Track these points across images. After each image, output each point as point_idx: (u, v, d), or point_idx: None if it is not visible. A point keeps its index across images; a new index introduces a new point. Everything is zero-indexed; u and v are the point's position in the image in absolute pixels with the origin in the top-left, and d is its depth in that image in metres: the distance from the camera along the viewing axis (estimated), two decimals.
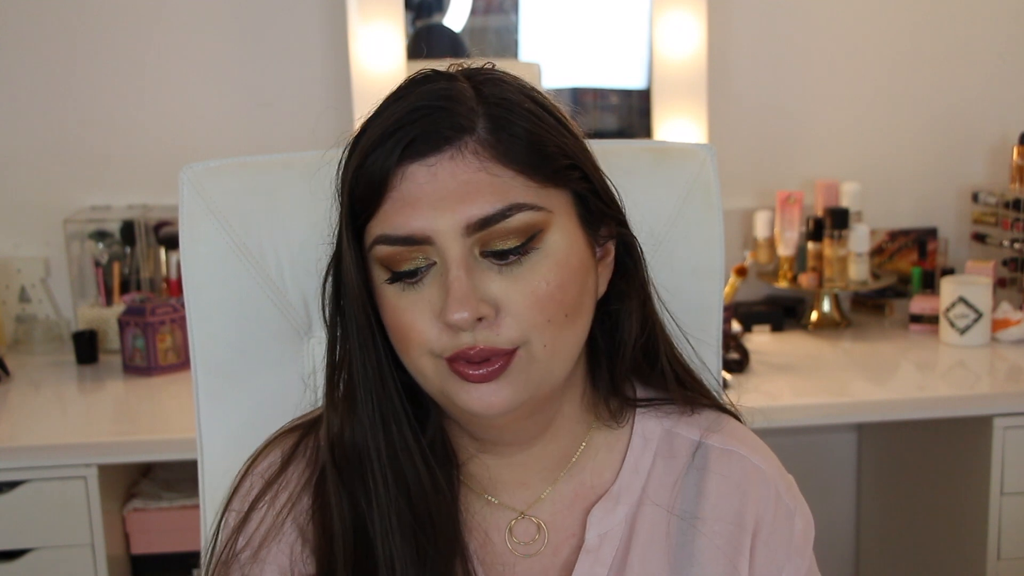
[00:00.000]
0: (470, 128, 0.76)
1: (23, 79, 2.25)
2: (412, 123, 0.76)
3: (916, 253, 2.39)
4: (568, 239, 0.79)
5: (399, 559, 0.80)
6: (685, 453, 0.88)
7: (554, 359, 0.78)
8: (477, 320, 0.75)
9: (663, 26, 2.28)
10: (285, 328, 1.02)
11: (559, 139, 0.79)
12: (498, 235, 0.75)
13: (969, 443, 1.91)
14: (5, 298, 2.25)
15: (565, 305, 0.77)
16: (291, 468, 0.87)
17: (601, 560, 0.84)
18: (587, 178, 0.81)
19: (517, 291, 0.76)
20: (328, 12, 2.27)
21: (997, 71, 2.44)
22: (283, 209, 1.02)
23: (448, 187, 0.75)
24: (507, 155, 0.76)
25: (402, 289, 0.77)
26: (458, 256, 0.75)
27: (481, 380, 0.76)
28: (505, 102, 0.78)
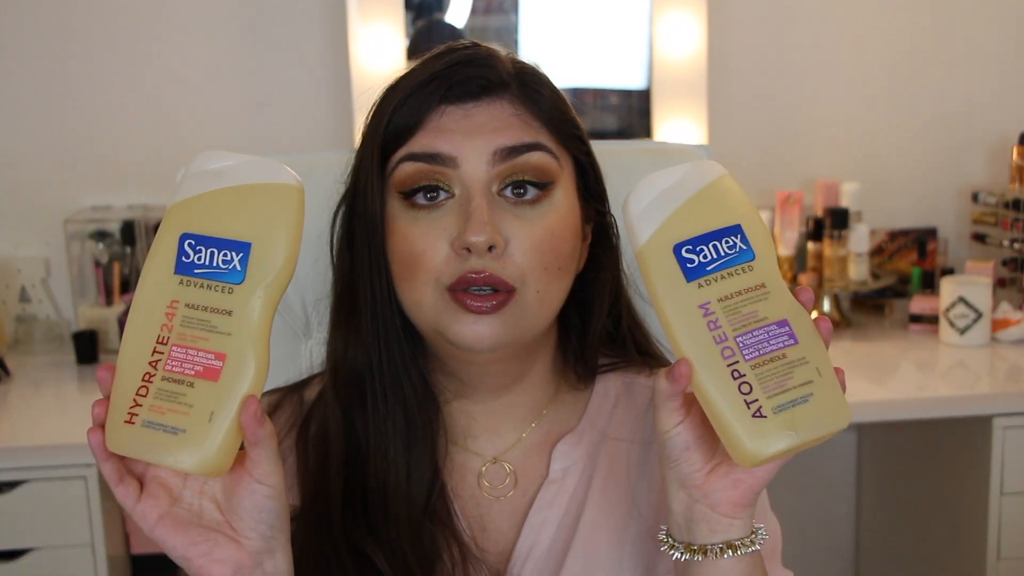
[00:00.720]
0: (507, 84, 0.84)
1: (23, 79, 2.25)
2: (455, 71, 0.83)
3: (916, 253, 2.39)
4: (569, 201, 0.85)
5: (392, 470, 0.85)
6: (644, 396, 0.94)
7: (542, 307, 0.83)
8: (488, 249, 0.79)
9: (663, 26, 2.28)
10: (284, 329, 1.02)
11: (573, 114, 0.88)
12: (519, 169, 0.81)
13: (969, 443, 1.91)
14: (5, 298, 2.25)
15: (560, 257, 0.83)
16: (276, 415, 0.93)
17: (564, 490, 0.89)
18: (589, 154, 0.89)
19: (525, 233, 0.81)
20: (328, 12, 2.27)
21: (997, 71, 2.44)
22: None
23: (482, 120, 0.82)
24: (537, 109, 0.84)
25: (416, 217, 0.82)
26: (482, 184, 0.81)
27: (479, 312, 0.80)
28: (535, 74, 0.87)
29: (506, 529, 0.89)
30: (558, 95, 0.87)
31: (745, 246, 0.74)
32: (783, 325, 0.72)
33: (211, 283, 0.70)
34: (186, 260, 0.71)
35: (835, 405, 0.72)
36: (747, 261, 0.73)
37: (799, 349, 0.72)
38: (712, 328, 0.72)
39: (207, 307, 0.70)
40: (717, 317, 0.72)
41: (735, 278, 0.73)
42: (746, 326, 0.72)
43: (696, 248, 0.73)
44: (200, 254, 0.71)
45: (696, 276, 0.73)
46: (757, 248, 0.74)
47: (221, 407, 0.69)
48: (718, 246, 0.73)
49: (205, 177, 0.74)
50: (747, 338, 0.72)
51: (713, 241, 0.73)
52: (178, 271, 0.71)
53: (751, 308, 0.72)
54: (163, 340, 0.70)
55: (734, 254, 0.73)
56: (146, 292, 0.71)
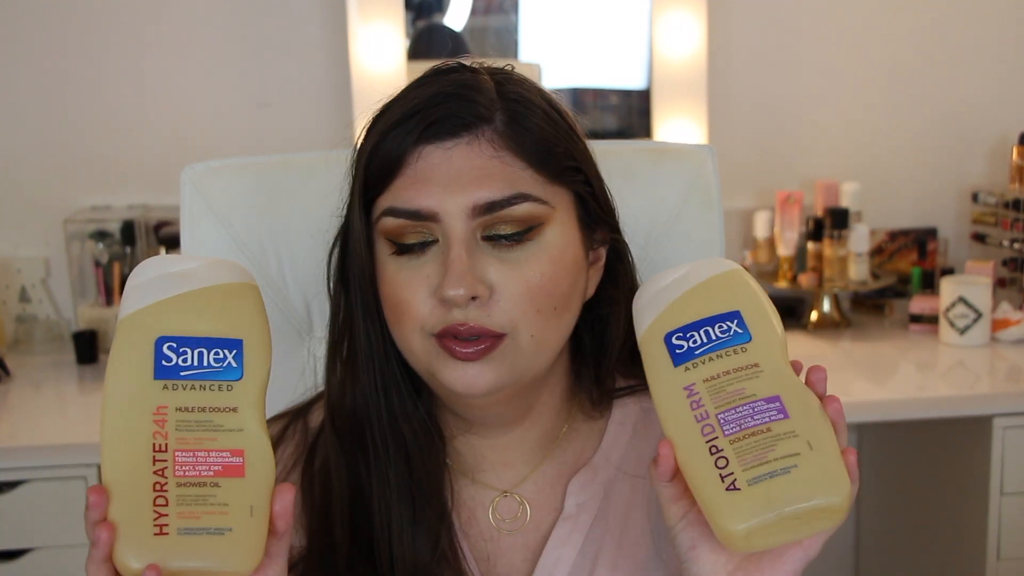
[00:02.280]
0: (489, 118, 0.80)
1: (23, 79, 2.24)
2: (434, 107, 0.79)
3: (916, 253, 2.39)
4: (565, 236, 0.82)
5: (395, 518, 0.83)
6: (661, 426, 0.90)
7: (539, 350, 0.81)
8: (471, 299, 0.77)
9: (663, 26, 2.28)
10: (285, 328, 1.02)
11: (568, 142, 0.83)
12: (502, 220, 0.78)
13: (969, 443, 1.91)
14: (5, 298, 2.25)
15: (555, 298, 0.80)
16: (280, 449, 0.90)
17: (579, 527, 0.87)
18: (589, 182, 0.84)
19: (512, 278, 0.79)
20: (328, 12, 2.27)
21: (997, 71, 2.44)
22: (283, 209, 1.02)
23: (461, 170, 0.78)
24: (520, 147, 0.80)
25: (402, 264, 0.80)
26: (461, 235, 0.78)
27: (467, 359, 0.78)
28: (523, 99, 0.82)
29: (519, 563, 0.87)
30: (551, 124, 0.82)
31: (741, 330, 0.73)
32: (773, 401, 0.70)
33: (205, 383, 0.69)
34: (167, 364, 0.69)
35: (825, 477, 0.68)
36: (742, 343, 0.73)
37: (788, 423, 0.70)
38: (694, 407, 0.71)
39: (206, 407, 0.69)
40: (700, 397, 0.71)
41: (725, 359, 0.72)
42: (730, 403, 0.70)
43: (686, 335, 0.74)
44: (185, 356, 0.69)
45: (683, 360, 0.73)
46: (756, 331, 0.73)
47: (259, 500, 0.68)
48: (710, 331, 0.73)
49: (164, 282, 0.72)
50: (729, 414, 0.70)
51: (705, 327, 0.74)
52: (159, 376, 0.68)
53: (738, 386, 0.71)
54: (161, 448, 0.67)
55: (727, 337, 0.73)
56: (121, 403, 0.68)
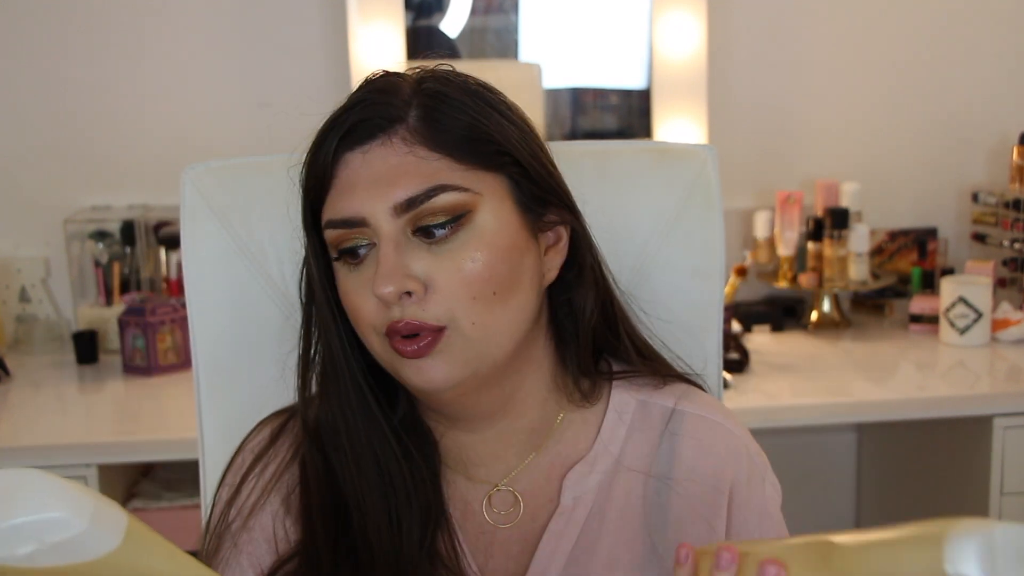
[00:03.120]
0: (400, 117, 0.81)
1: (24, 79, 2.25)
2: (347, 115, 0.82)
3: (916, 253, 2.39)
4: (499, 221, 0.82)
5: (372, 529, 0.83)
6: (659, 420, 0.91)
7: (487, 337, 0.81)
8: (407, 295, 0.79)
9: (663, 26, 2.28)
10: (286, 328, 1.02)
11: (495, 129, 0.83)
12: (426, 214, 0.79)
13: (969, 443, 1.91)
14: (5, 298, 2.25)
15: (492, 283, 0.80)
16: (279, 443, 0.91)
17: (575, 521, 0.87)
18: (520, 164, 0.84)
19: (444, 268, 0.80)
20: (328, 12, 2.27)
21: (997, 71, 2.44)
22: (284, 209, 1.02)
23: (378, 171, 0.80)
24: (434, 140, 0.81)
25: (349, 271, 0.82)
26: (389, 235, 0.80)
27: (413, 356, 0.80)
28: (439, 95, 0.83)
29: (515, 554, 0.87)
30: (471, 116, 0.82)
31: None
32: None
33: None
34: None
35: None
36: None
37: None
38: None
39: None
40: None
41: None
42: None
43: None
44: None
45: None
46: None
47: None
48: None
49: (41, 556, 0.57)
50: None
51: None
52: None
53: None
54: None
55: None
56: None
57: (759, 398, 1.84)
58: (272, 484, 0.89)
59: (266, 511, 0.88)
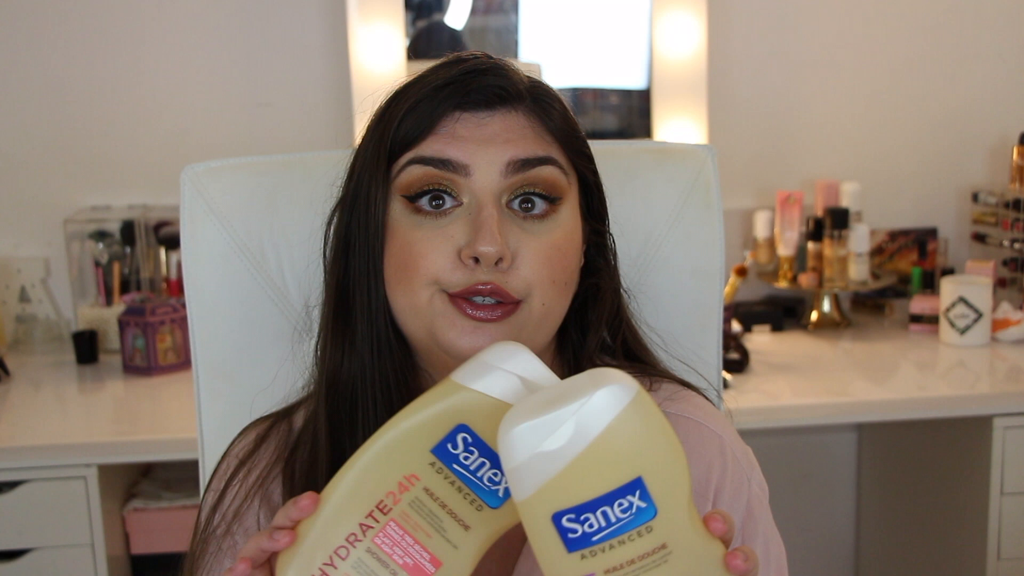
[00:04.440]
0: (522, 96, 0.84)
1: (23, 79, 2.25)
2: (472, 79, 0.82)
3: (916, 253, 2.39)
4: (575, 219, 0.86)
5: None
6: None
7: (545, 320, 0.83)
8: (496, 263, 0.79)
9: (663, 26, 2.28)
10: (286, 328, 1.02)
11: (582, 133, 0.89)
12: (531, 182, 0.81)
13: (969, 443, 1.91)
14: (5, 298, 2.25)
15: (566, 272, 0.83)
16: (263, 447, 0.91)
17: None
18: (595, 173, 0.89)
19: (533, 246, 0.81)
20: (328, 12, 2.27)
21: (997, 71, 2.44)
22: (283, 209, 1.02)
23: (496, 131, 0.82)
24: (550, 124, 0.84)
25: (419, 222, 0.81)
26: (493, 195, 0.80)
27: (482, 320, 0.79)
28: (546, 88, 0.87)
29: (499, 558, 0.86)
30: (568, 112, 0.87)
31: (645, 503, 0.62)
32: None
33: (464, 487, 0.65)
34: (452, 449, 0.65)
35: None
36: (645, 521, 0.62)
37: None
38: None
39: (447, 506, 0.65)
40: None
41: (628, 545, 0.62)
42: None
43: (580, 516, 0.62)
44: (470, 455, 0.65)
45: (579, 547, 0.62)
46: (661, 500, 0.63)
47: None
48: (608, 512, 0.62)
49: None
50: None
51: (603, 507, 0.62)
52: (435, 451, 0.65)
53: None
54: (384, 508, 0.65)
55: (628, 518, 0.62)
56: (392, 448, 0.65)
57: (759, 398, 1.84)
58: (256, 488, 0.88)
59: (250, 515, 0.88)
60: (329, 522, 0.66)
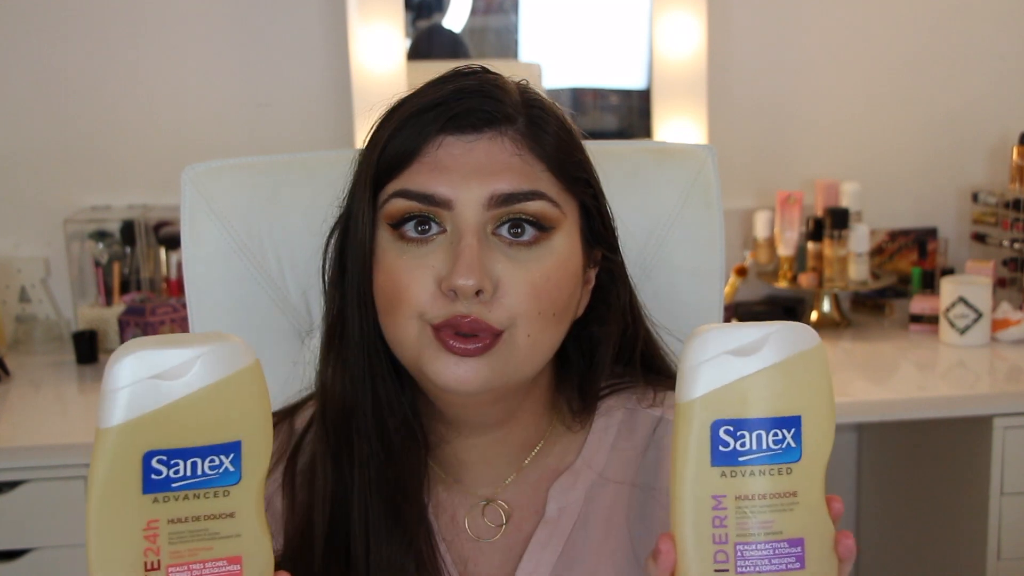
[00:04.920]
0: (512, 118, 0.81)
1: (23, 79, 2.24)
2: (458, 101, 0.80)
3: (916, 253, 2.39)
4: (571, 247, 0.82)
5: (374, 517, 0.83)
6: (646, 429, 0.90)
7: (533, 352, 0.80)
8: (476, 293, 0.77)
9: (663, 26, 2.28)
10: (286, 328, 1.02)
11: (580, 154, 0.85)
12: (515, 215, 0.79)
13: (969, 443, 1.91)
14: (5, 298, 2.25)
15: (556, 304, 0.80)
16: None
17: (559, 531, 0.87)
18: (596, 196, 0.85)
19: (519, 276, 0.78)
20: (328, 12, 2.27)
21: (997, 71, 2.44)
22: (284, 209, 1.02)
23: (481, 161, 0.79)
24: (542, 149, 0.81)
25: (404, 250, 0.79)
26: (474, 225, 0.78)
27: (464, 354, 0.77)
28: (543, 106, 0.83)
29: (498, 565, 0.87)
30: (566, 133, 0.83)
31: (795, 443, 0.64)
32: (796, 544, 0.64)
33: (200, 491, 0.65)
34: (157, 478, 0.64)
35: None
36: (789, 462, 0.65)
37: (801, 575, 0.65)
38: (716, 524, 0.64)
39: (200, 516, 0.65)
40: (727, 515, 0.64)
41: (767, 479, 0.64)
42: (754, 536, 0.64)
43: (737, 432, 0.64)
44: (177, 467, 0.64)
45: (723, 463, 0.64)
46: (808, 447, 0.65)
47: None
48: (763, 437, 0.64)
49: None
50: (749, 549, 0.64)
51: (759, 430, 0.64)
52: (148, 491, 0.64)
53: (769, 517, 0.64)
54: (153, 566, 0.64)
55: (778, 450, 0.64)
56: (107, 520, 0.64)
57: None
58: None
59: None
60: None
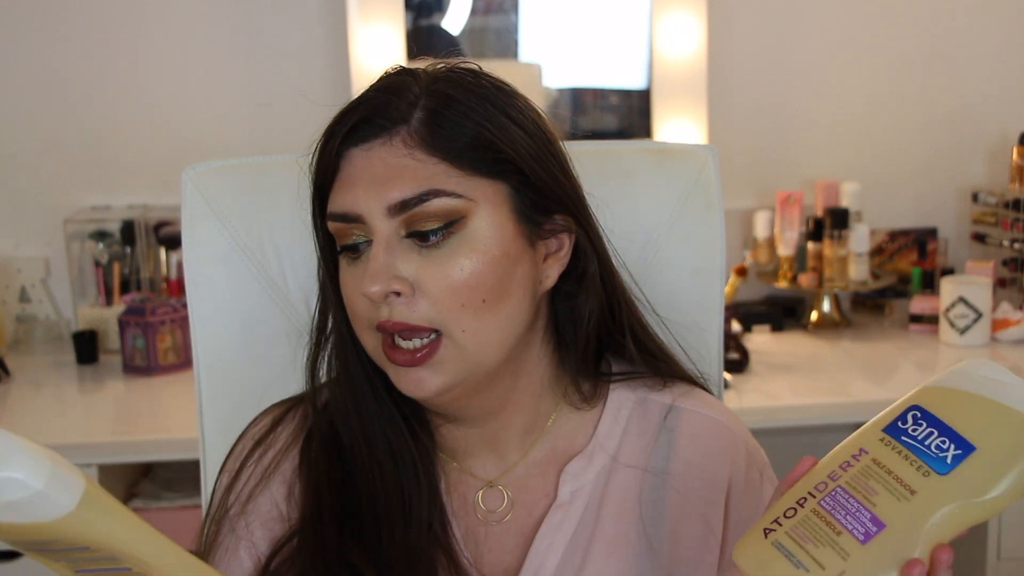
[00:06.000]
0: (404, 119, 0.81)
1: (23, 79, 2.25)
2: (356, 111, 0.82)
3: (916, 253, 2.39)
4: (492, 228, 0.81)
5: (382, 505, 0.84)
6: (657, 416, 0.91)
7: (478, 344, 0.81)
8: (395, 295, 0.79)
9: (663, 26, 2.28)
10: (287, 328, 1.02)
11: (500, 136, 0.82)
12: (419, 218, 0.79)
13: None
14: (5, 298, 2.25)
15: (481, 291, 0.80)
16: (279, 428, 0.92)
17: (571, 515, 0.87)
18: (522, 172, 0.82)
19: (432, 273, 0.79)
20: (328, 12, 2.27)
21: (997, 71, 2.44)
22: (284, 209, 1.02)
23: (377, 170, 0.80)
24: (434, 144, 0.80)
25: (347, 264, 0.83)
26: (382, 234, 0.80)
27: (407, 364, 0.80)
28: (447, 98, 0.81)
29: (510, 549, 0.87)
30: (476, 122, 0.81)
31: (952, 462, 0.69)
32: (877, 524, 0.68)
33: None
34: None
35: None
36: (934, 469, 0.69)
37: (856, 548, 0.67)
38: (842, 466, 0.71)
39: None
40: (852, 465, 0.71)
41: (904, 464, 0.70)
42: (854, 489, 0.70)
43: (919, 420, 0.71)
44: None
45: (892, 432, 0.71)
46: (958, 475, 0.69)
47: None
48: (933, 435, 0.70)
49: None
50: (841, 495, 0.70)
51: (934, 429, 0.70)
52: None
53: (878, 487, 0.69)
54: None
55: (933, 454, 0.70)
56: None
57: (759, 398, 1.84)
58: (271, 469, 0.89)
59: (264, 496, 0.88)
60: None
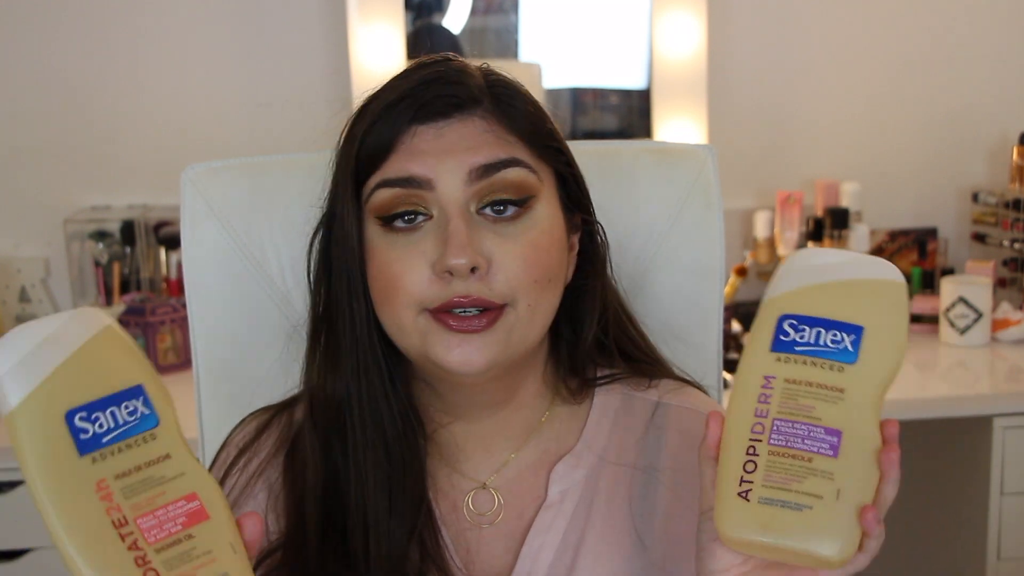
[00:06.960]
0: (478, 100, 0.83)
1: (23, 79, 2.24)
2: (424, 90, 0.82)
3: (916, 253, 2.39)
4: (552, 213, 0.84)
5: (371, 506, 0.83)
6: (644, 414, 0.92)
7: (534, 321, 0.82)
8: (471, 271, 0.78)
9: (663, 26, 2.28)
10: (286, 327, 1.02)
11: (550, 124, 0.87)
12: (497, 187, 0.80)
13: (969, 443, 1.91)
14: (5, 298, 2.25)
15: (548, 270, 0.82)
16: (264, 436, 0.91)
17: (562, 514, 0.87)
18: (569, 164, 0.87)
19: (509, 249, 0.80)
20: (328, 12, 2.27)
21: (997, 71, 2.44)
22: (284, 209, 1.02)
23: (454, 141, 0.81)
24: (511, 123, 0.83)
25: (394, 241, 0.81)
26: (459, 206, 0.80)
27: (468, 331, 0.79)
28: (508, 85, 0.86)
29: (501, 552, 0.87)
30: (534, 106, 0.86)
31: (853, 349, 0.71)
32: (833, 434, 0.68)
33: (130, 441, 0.68)
34: (85, 437, 0.67)
35: (833, 529, 0.67)
36: (843, 362, 0.70)
37: (832, 463, 0.68)
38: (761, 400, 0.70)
39: (141, 465, 0.68)
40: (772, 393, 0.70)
41: (816, 370, 0.70)
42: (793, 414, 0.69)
43: (799, 325, 0.71)
44: (99, 421, 0.67)
45: (781, 349, 0.71)
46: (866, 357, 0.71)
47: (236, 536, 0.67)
48: (822, 334, 0.71)
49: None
50: (785, 425, 0.68)
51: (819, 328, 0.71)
52: (84, 452, 0.67)
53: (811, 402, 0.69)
54: (120, 522, 0.66)
55: (834, 349, 0.70)
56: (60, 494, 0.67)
57: None
58: (256, 478, 0.88)
59: (250, 505, 0.88)
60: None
